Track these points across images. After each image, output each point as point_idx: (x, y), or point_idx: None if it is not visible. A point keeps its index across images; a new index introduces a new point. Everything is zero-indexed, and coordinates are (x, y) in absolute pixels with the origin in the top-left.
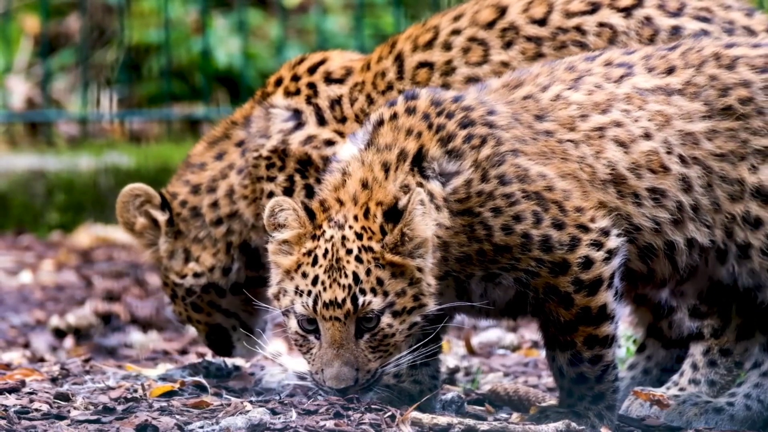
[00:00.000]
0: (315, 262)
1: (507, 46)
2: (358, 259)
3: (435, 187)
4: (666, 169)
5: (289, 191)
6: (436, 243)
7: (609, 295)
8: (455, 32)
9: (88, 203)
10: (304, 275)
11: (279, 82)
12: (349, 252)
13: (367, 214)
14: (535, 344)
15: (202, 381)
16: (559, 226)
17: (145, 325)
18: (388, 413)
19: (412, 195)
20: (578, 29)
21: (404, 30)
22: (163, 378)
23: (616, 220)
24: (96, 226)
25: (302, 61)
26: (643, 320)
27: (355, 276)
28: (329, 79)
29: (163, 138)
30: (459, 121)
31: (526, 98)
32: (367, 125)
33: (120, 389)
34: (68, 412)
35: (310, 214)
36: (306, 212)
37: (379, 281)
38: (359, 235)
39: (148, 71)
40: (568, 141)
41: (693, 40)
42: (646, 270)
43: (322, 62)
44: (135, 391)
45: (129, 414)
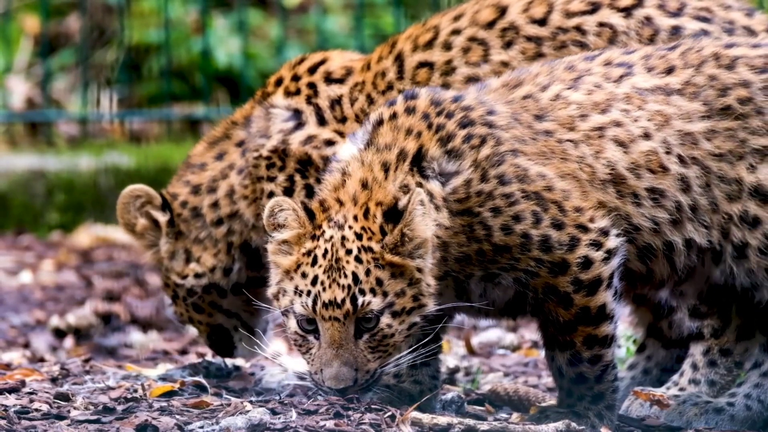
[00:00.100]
0: (314, 262)
1: (507, 46)
2: (358, 260)
3: (434, 187)
4: (665, 169)
5: (289, 191)
6: (436, 243)
7: (608, 295)
8: (455, 32)
9: (88, 203)
10: (304, 275)
11: (279, 82)
12: (348, 252)
13: (366, 214)
14: (535, 344)
15: (202, 381)
16: (558, 226)
17: (145, 325)
18: (388, 413)
19: (412, 195)
20: (578, 29)
21: (404, 30)
22: (163, 378)
23: (615, 221)
24: (96, 226)
25: (302, 61)
26: (643, 320)
27: (355, 276)
28: (329, 79)
29: (163, 138)
30: (458, 120)
31: (525, 98)
32: (367, 125)
33: (120, 389)
34: (68, 412)
35: (310, 214)
36: (306, 212)
37: (379, 281)
38: (359, 236)
39: (148, 71)
40: (568, 141)
41: (693, 40)
42: (645, 270)
43: (323, 62)
44: (135, 391)
45: (129, 414)
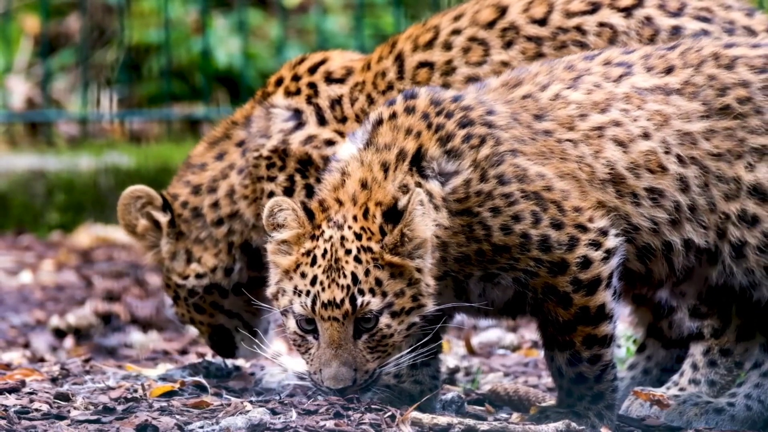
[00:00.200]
0: (314, 262)
1: (507, 45)
2: (357, 260)
3: (434, 186)
4: (664, 169)
5: (289, 191)
6: (435, 243)
7: (607, 294)
8: (455, 32)
9: (88, 203)
10: (303, 275)
11: (279, 82)
12: (348, 252)
13: (366, 214)
14: (535, 344)
15: (202, 381)
16: (557, 226)
17: (145, 325)
18: (388, 413)
19: (412, 195)
20: (578, 29)
21: (404, 30)
22: (163, 378)
23: (614, 220)
24: (96, 226)
25: (303, 60)
26: (643, 320)
27: (354, 276)
28: (330, 79)
29: (163, 138)
30: (458, 120)
31: (525, 97)
32: (366, 124)
33: (120, 389)
34: (68, 412)
35: (309, 214)
36: (305, 212)
37: (378, 282)
38: (358, 236)
39: (148, 71)
40: (567, 140)
41: (692, 40)
42: (644, 270)
43: (323, 62)
44: (135, 391)
45: (129, 414)
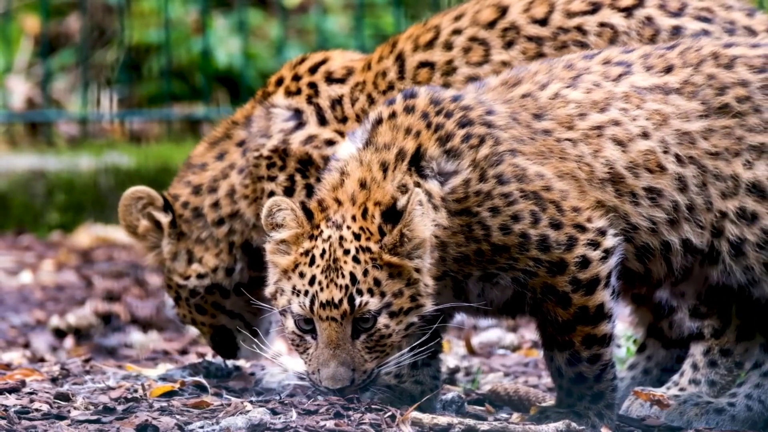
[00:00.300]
0: (312, 262)
1: (508, 45)
2: (356, 260)
3: (433, 186)
4: (663, 169)
5: (289, 191)
6: (434, 243)
7: (606, 294)
8: (456, 32)
9: (88, 203)
10: (302, 275)
11: (280, 82)
12: (346, 252)
13: (365, 214)
14: (535, 344)
15: (203, 381)
16: (556, 226)
17: (145, 325)
18: (389, 413)
19: (411, 195)
20: (579, 29)
21: (405, 30)
22: (163, 378)
23: (613, 220)
24: (96, 226)
25: (303, 60)
26: (643, 320)
27: (353, 276)
28: (330, 79)
29: (163, 138)
30: (457, 120)
31: (524, 96)
32: (366, 124)
33: (120, 389)
34: (68, 412)
35: (308, 213)
36: (304, 212)
37: (377, 282)
38: (357, 236)
39: (148, 71)
40: (567, 140)
41: (692, 39)
42: (643, 270)
43: (324, 62)
44: (135, 391)
45: (129, 414)
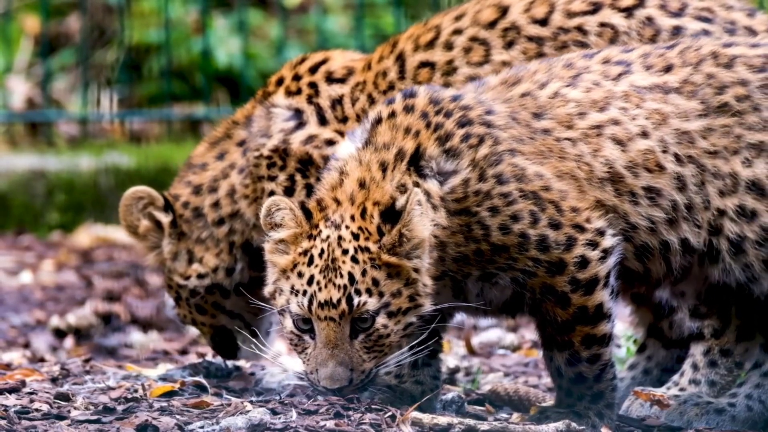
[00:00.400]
0: (311, 261)
1: (508, 46)
2: (354, 260)
3: (432, 186)
4: (662, 168)
5: (290, 191)
6: (433, 243)
7: (605, 294)
8: (457, 32)
9: (89, 203)
10: (300, 275)
11: (280, 82)
12: (345, 252)
13: (363, 214)
14: (535, 344)
15: (203, 381)
16: (555, 226)
17: (145, 325)
18: (389, 413)
19: (410, 195)
20: (580, 29)
21: (405, 30)
22: (163, 378)
23: (612, 220)
24: (96, 226)
25: (304, 60)
26: (643, 320)
27: (351, 276)
28: (331, 79)
29: (164, 138)
30: (457, 120)
31: (524, 96)
32: (365, 123)
33: (120, 389)
34: (68, 412)
35: (307, 213)
36: (303, 212)
37: (375, 282)
38: (356, 236)
39: (148, 71)
40: (566, 139)
41: (691, 39)
42: (642, 269)
43: (324, 62)
44: (135, 391)
45: (129, 414)
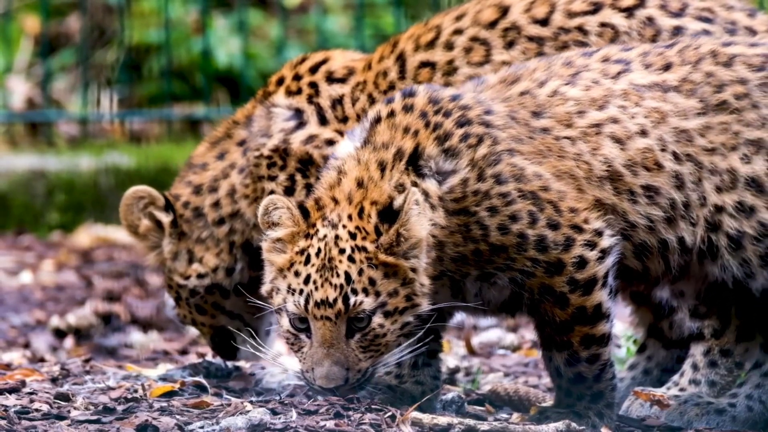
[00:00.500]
0: (308, 260)
1: (509, 46)
2: (351, 259)
3: (431, 185)
4: (660, 167)
5: (290, 190)
6: (431, 243)
7: (604, 294)
8: (457, 32)
9: (89, 203)
10: (297, 274)
11: (281, 82)
12: (341, 251)
13: (361, 213)
14: (535, 344)
15: (203, 381)
16: (554, 227)
17: (145, 325)
18: (389, 413)
19: (408, 195)
20: (580, 29)
21: (405, 30)
22: (163, 378)
23: (610, 221)
24: (96, 226)
25: (304, 60)
26: (643, 320)
27: (347, 276)
28: (331, 79)
29: (164, 138)
30: (456, 119)
31: (523, 94)
32: (365, 122)
33: (120, 389)
34: (68, 412)
35: (304, 212)
36: (300, 211)
37: (372, 281)
38: (353, 235)
39: (148, 71)
40: (565, 138)
41: (691, 38)
42: (641, 268)
43: (324, 62)
44: (135, 391)
45: (129, 414)
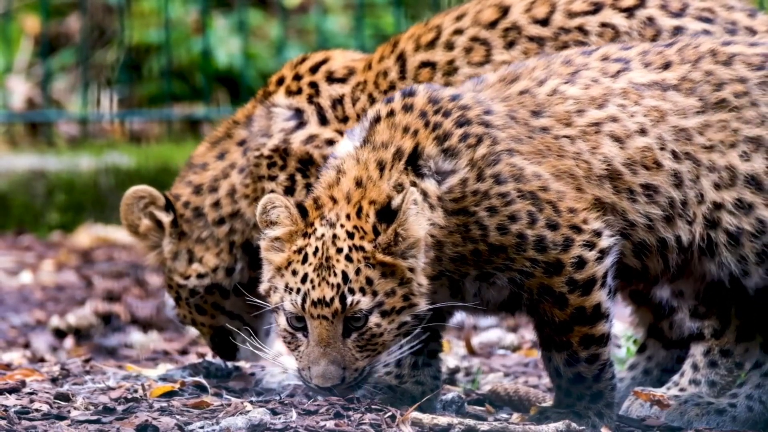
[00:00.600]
0: (305, 259)
1: (509, 46)
2: (348, 258)
3: (430, 185)
4: (659, 165)
5: (290, 190)
6: (430, 242)
7: (603, 294)
8: (457, 32)
9: (89, 203)
10: (294, 273)
11: (281, 82)
12: (339, 251)
13: (359, 212)
14: (535, 344)
15: (203, 381)
16: (553, 227)
17: (145, 325)
18: (389, 413)
19: (407, 195)
20: (580, 29)
21: (405, 29)
22: (163, 378)
23: (609, 221)
24: (96, 226)
25: (304, 60)
26: (643, 320)
27: (344, 275)
28: (331, 79)
29: (164, 138)
30: (455, 119)
31: (522, 93)
32: (364, 122)
33: (120, 389)
34: (68, 412)
35: (303, 211)
36: (298, 210)
37: (369, 281)
38: (350, 234)
39: (148, 71)
40: (564, 137)
41: (690, 37)
42: (640, 266)
43: (324, 61)
44: (135, 391)
45: (129, 414)
